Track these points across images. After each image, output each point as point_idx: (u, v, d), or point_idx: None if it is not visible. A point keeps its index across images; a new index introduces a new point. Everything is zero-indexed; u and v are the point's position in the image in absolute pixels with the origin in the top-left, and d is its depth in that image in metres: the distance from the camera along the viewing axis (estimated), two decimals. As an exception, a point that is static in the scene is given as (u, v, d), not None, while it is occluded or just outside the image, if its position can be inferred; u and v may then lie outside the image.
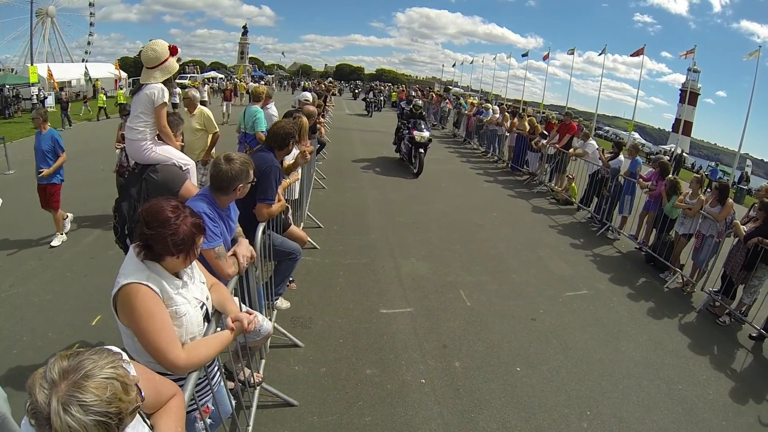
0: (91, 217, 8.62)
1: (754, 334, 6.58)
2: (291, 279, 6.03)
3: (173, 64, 4.33)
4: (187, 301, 2.39)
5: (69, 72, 40.09)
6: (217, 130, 8.17)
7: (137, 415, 1.69)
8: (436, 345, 5.48)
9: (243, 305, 3.43)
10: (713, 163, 40.62)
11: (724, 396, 5.29)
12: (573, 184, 12.77)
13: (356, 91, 57.59)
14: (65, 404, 1.25)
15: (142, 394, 1.50)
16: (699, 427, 4.69)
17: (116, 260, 6.32)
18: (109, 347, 1.66)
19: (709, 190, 8.40)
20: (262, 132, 7.59)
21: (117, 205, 4.18)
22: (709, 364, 5.87)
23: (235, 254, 3.44)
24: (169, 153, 4.33)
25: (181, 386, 2.15)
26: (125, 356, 1.58)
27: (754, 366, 6.09)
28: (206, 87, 26.43)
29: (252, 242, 3.82)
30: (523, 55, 62.63)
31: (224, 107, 24.57)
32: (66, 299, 5.79)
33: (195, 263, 2.57)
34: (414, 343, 5.48)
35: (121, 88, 35.45)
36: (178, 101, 21.82)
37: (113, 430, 1.32)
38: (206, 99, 24.32)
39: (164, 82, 4.29)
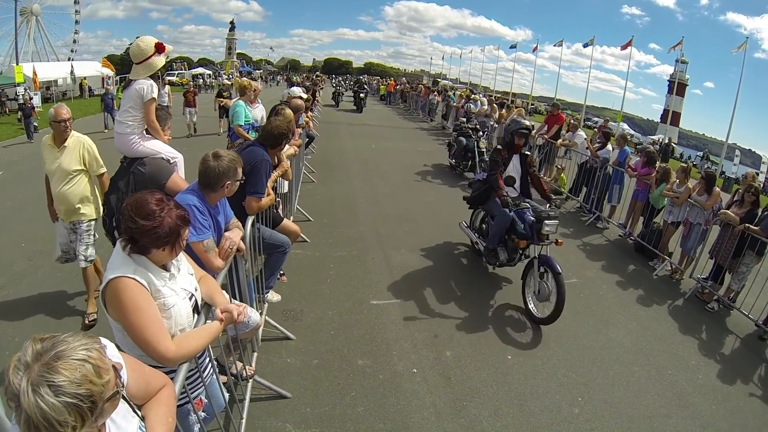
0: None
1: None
2: (282, 272, 6.05)
3: (157, 62, 4.34)
4: (175, 293, 2.40)
5: (55, 71, 39.68)
6: (104, 169, 5.32)
7: (126, 405, 1.70)
8: (427, 335, 5.52)
9: (233, 299, 3.45)
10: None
11: (713, 380, 5.37)
12: (562, 174, 12.83)
13: (361, 94, 31.71)
14: (35, 385, 1.25)
15: (123, 379, 1.49)
16: (688, 411, 4.75)
17: (106, 259, 6.32)
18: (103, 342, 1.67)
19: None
20: (240, 125, 7.54)
21: (105, 197, 4.21)
22: (698, 350, 5.94)
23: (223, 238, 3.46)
24: (157, 147, 4.36)
25: (172, 378, 2.16)
26: (104, 341, 1.58)
27: (742, 351, 6.16)
28: (167, 88, 18.81)
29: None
30: (512, 47, 62.68)
31: (188, 116, 18.23)
32: (57, 299, 5.76)
33: (182, 255, 2.58)
34: (405, 333, 5.51)
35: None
36: (167, 101, 18.76)
37: (85, 414, 1.30)
38: (167, 103, 17.84)
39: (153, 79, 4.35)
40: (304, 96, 9.97)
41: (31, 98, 19.94)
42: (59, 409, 1.24)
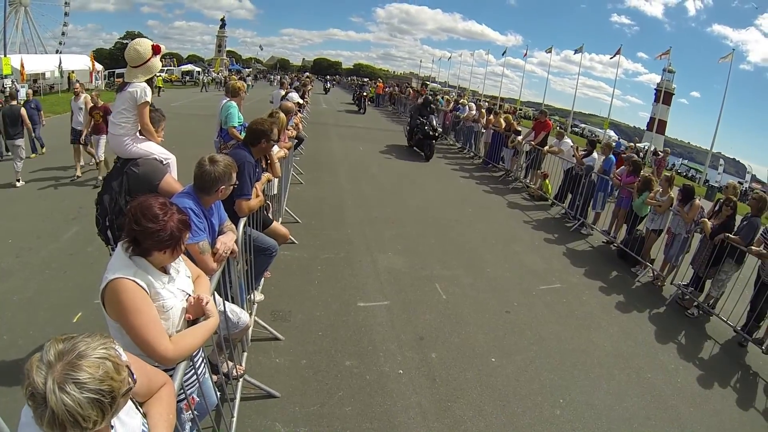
0: (70, 214, 8.57)
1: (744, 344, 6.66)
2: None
3: (155, 64, 4.40)
4: (173, 295, 2.46)
5: (43, 63, 39.29)
6: None
7: (130, 402, 1.77)
8: (412, 337, 5.59)
9: (226, 301, 3.52)
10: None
11: (692, 384, 5.51)
12: (546, 181, 12.97)
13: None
14: (61, 383, 1.32)
15: (134, 376, 1.56)
16: (667, 414, 4.88)
17: (96, 256, 6.36)
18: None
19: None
20: (234, 127, 7.56)
21: (99, 197, 4.24)
22: (678, 354, 6.08)
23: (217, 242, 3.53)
24: (150, 148, 4.39)
25: (170, 376, 2.23)
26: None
27: (720, 356, 6.31)
28: (83, 97, 11.40)
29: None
30: (503, 54, 63.11)
31: (95, 145, 10.99)
32: (46, 297, 5.75)
33: (181, 257, 2.64)
34: (391, 335, 5.58)
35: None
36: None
37: (106, 409, 1.39)
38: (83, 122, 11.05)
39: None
40: (300, 101, 10.01)
41: (18, 90, 19.19)
42: (84, 404, 1.33)
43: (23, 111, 10.99)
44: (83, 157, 11.37)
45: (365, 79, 55.41)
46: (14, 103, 11.24)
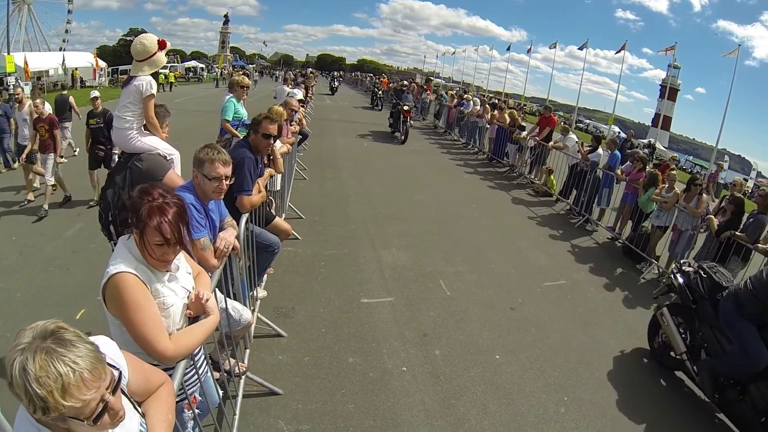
0: (72, 210, 8.57)
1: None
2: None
3: (161, 58, 4.41)
4: (174, 293, 2.43)
5: (46, 61, 39.37)
6: None
7: (128, 403, 1.73)
8: (416, 334, 5.57)
9: (227, 298, 3.51)
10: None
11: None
12: (551, 177, 12.92)
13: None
14: (20, 354, 1.33)
15: (99, 415, 1.43)
16: (673, 412, 4.85)
17: (99, 253, 6.35)
18: (104, 340, 1.72)
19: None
20: (227, 120, 7.52)
21: (102, 192, 4.24)
22: (683, 352, 6.03)
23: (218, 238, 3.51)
24: (155, 143, 4.39)
25: (170, 375, 2.20)
26: (111, 353, 1.62)
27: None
28: (27, 105, 9.79)
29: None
30: (507, 49, 63.06)
31: (43, 165, 8.75)
32: (49, 294, 5.76)
33: (182, 254, 2.61)
34: (395, 331, 5.56)
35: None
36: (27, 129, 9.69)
37: (38, 409, 1.33)
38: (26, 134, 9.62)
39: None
40: (300, 96, 9.96)
41: (22, 88, 19.23)
42: (18, 384, 1.32)
43: (71, 98, 12.63)
44: (38, 179, 9.34)
45: (404, 82, 34.53)
46: (64, 92, 13.07)
